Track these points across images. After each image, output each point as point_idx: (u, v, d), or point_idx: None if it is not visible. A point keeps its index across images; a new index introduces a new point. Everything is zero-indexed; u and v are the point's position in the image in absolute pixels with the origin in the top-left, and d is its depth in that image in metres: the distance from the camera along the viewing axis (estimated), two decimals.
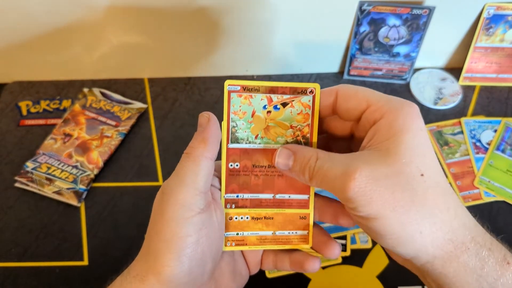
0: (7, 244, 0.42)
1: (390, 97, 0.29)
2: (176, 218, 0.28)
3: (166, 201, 0.28)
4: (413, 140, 0.27)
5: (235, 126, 0.32)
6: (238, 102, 0.32)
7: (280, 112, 0.32)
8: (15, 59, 0.52)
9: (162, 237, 0.28)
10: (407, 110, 0.28)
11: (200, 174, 0.29)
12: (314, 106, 0.31)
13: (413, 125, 0.27)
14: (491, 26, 0.50)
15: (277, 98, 0.32)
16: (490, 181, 0.45)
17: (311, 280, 0.39)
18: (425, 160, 0.27)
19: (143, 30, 0.49)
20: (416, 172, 0.27)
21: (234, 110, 0.32)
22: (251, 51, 0.53)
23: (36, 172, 0.45)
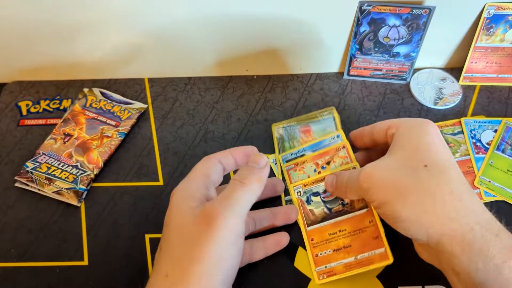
0: (7, 244, 0.42)
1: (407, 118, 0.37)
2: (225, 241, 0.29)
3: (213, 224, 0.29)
4: (418, 141, 0.32)
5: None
6: (295, 175, 0.44)
7: (327, 169, 0.43)
8: (15, 59, 0.53)
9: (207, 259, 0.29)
10: (415, 123, 0.34)
11: (249, 205, 0.32)
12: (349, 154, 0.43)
13: (419, 130, 0.33)
14: (491, 26, 0.50)
15: (321, 161, 0.43)
16: (490, 181, 0.45)
17: (311, 280, 0.39)
18: (429, 155, 0.31)
19: (143, 30, 0.49)
20: (419, 164, 0.31)
21: (295, 181, 0.43)
22: (251, 51, 0.53)
23: (36, 172, 0.45)
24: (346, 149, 0.43)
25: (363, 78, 0.55)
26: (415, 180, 0.31)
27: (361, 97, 0.53)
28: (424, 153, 0.32)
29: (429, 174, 0.31)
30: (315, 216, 0.41)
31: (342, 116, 0.51)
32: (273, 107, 0.52)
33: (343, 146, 0.43)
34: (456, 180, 0.31)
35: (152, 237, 0.42)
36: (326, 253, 0.39)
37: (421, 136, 0.33)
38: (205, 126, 0.51)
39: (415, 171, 0.31)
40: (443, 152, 0.32)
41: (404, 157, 0.32)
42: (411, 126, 0.34)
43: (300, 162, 0.44)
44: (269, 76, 0.55)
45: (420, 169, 0.31)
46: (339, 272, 0.38)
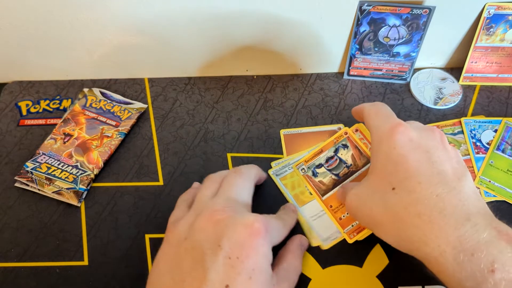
0: (7, 244, 0.42)
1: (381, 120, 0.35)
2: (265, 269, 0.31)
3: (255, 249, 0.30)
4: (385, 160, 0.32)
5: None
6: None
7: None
8: (15, 59, 0.52)
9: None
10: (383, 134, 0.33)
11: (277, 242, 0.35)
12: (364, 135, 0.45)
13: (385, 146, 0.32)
14: (491, 25, 0.50)
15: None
16: (490, 181, 0.45)
17: (311, 280, 0.39)
18: (397, 175, 0.31)
19: (143, 30, 0.49)
20: (388, 187, 0.31)
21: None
22: (251, 51, 0.53)
23: (36, 172, 0.45)
24: (360, 131, 0.45)
25: (363, 78, 0.55)
26: (386, 208, 0.30)
27: (361, 97, 0.53)
28: (392, 174, 0.30)
29: (397, 199, 0.30)
30: (325, 185, 0.43)
31: (342, 116, 0.51)
32: (273, 107, 0.52)
33: (355, 129, 0.45)
34: (425, 197, 0.28)
35: (152, 237, 0.42)
36: (348, 214, 0.41)
37: (389, 152, 0.31)
38: (205, 126, 0.51)
39: (385, 197, 0.30)
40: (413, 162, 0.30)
41: (376, 180, 0.32)
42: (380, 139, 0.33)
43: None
44: (269, 76, 0.55)
45: (388, 193, 0.30)
46: None
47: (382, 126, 0.33)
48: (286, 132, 0.48)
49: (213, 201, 0.34)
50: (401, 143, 0.31)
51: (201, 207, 0.34)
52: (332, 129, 0.47)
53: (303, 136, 0.48)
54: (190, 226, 0.32)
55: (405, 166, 0.30)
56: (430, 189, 0.29)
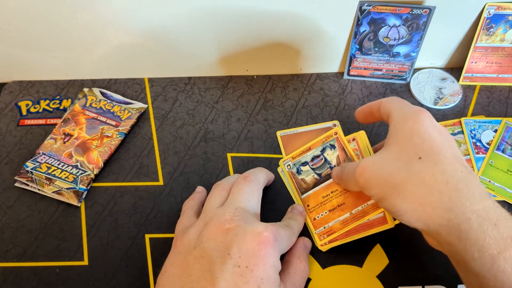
0: (7, 244, 0.42)
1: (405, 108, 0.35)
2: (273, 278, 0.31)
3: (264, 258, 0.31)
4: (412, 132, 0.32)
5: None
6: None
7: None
8: (15, 59, 0.52)
9: None
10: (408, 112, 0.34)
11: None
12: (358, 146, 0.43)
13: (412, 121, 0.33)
14: (491, 26, 0.50)
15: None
16: (490, 181, 0.45)
17: (311, 280, 0.39)
18: (423, 146, 0.31)
19: (143, 30, 0.49)
20: (413, 156, 0.31)
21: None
22: (251, 51, 0.53)
23: (36, 172, 0.45)
24: (356, 141, 0.44)
25: (363, 78, 0.55)
26: (410, 173, 0.31)
27: (361, 97, 0.53)
28: (418, 145, 0.31)
29: (423, 166, 0.30)
30: (307, 184, 0.43)
31: (342, 116, 0.51)
32: (273, 107, 0.52)
33: (353, 138, 0.44)
34: (451, 170, 0.30)
35: (152, 237, 0.42)
36: (323, 215, 0.41)
37: (415, 127, 0.32)
38: (205, 126, 0.51)
39: (409, 164, 0.31)
40: (438, 142, 0.32)
41: (398, 150, 0.32)
42: (404, 117, 0.34)
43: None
44: (269, 76, 0.55)
45: (414, 161, 0.31)
46: (337, 229, 0.40)
47: (407, 108, 0.34)
48: (282, 133, 0.48)
49: (223, 210, 0.34)
50: (427, 123, 0.32)
51: (210, 215, 0.34)
52: (327, 126, 0.47)
53: (300, 136, 0.48)
54: (199, 235, 0.33)
55: (432, 143, 0.31)
56: (456, 165, 0.30)
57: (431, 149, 0.31)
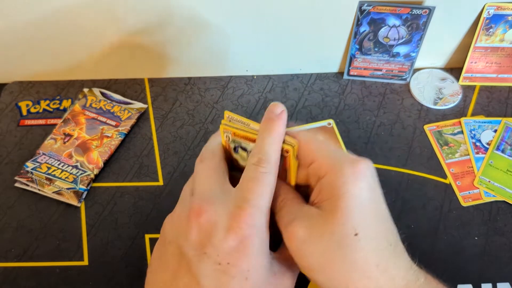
0: (7, 244, 0.42)
1: (338, 155, 0.30)
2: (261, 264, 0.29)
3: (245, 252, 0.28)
4: (352, 202, 0.28)
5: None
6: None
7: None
8: (15, 59, 0.52)
9: None
10: (349, 171, 0.29)
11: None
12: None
13: (353, 187, 0.28)
14: (491, 26, 0.50)
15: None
16: (490, 181, 0.45)
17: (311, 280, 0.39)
18: (362, 220, 0.28)
19: (143, 30, 0.49)
20: (350, 232, 0.28)
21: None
22: (251, 51, 0.53)
23: (36, 172, 0.45)
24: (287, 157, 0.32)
25: (363, 78, 0.55)
26: (343, 254, 0.28)
27: (361, 97, 0.53)
28: (357, 219, 0.28)
29: (358, 246, 0.27)
30: (239, 166, 0.35)
31: (342, 116, 0.51)
32: None
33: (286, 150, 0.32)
34: (384, 248, 0.28)
35: (152, 237, 0.42)
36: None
37: (355, 194, 0.28)
38: (205, 126, 0.51)
39: (345, 240, 0.28)
40: (376, 214, 0.29)
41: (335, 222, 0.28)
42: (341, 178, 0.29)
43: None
44: (269, 76, 0.55)
45: (350, 238, 0.28)
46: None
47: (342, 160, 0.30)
48: None
49: (191, 200, 0.30)
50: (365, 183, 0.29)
51: (181, 206, 0.31)
52: (323, 125, 0.47)
53: None
54: (172, 228, 0.31)
55: (371, 210, 0.29)
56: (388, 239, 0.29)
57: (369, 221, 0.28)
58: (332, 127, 0.46)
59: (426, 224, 0.43)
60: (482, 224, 0.43)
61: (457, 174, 0.46)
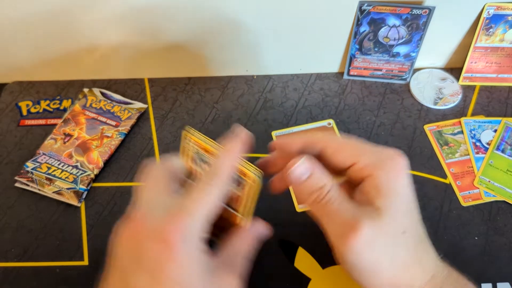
0: (7, 244, 0.42)
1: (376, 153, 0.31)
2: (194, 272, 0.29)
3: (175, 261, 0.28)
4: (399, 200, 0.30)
5: None
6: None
7: None
8: (15, 59, 0.53)
9: None
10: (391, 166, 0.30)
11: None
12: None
13: (398, 183, 0.30)
14: (491, 26, 0.50)
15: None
16: (490, 181, 0.45)
17: (311, 280, 0.39)
18: (408, 218, 0.30)
19: (143, 30, 0.49)
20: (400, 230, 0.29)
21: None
22: (251, 51, 0.53)
23: (36, 172, 0.45)
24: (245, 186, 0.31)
25: (363, 78, 0.55)
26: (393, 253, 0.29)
27: (361, 97, 0.53)
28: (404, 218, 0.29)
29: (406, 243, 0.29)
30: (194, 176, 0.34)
31: (342, 116, 0.51)
32: (273, 107, 0.52)
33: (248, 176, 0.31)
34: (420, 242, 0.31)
35: None
36: None
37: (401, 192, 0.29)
38: (205, 126, 0.51)
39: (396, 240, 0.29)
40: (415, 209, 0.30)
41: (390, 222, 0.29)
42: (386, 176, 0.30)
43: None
44: (269, 76, 0.55)
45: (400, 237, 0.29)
46: None
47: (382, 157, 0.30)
48: (278, 133, 0.48)
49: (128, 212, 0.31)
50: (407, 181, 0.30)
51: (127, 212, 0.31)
52: (323, 125, 0.47)
53: (296, 135, 0.47)
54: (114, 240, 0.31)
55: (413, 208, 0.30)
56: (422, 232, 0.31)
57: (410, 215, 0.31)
58: (332, 127, 0.46)
59: (426, 224, 0.43)
60: (482, 224, 0.43)
61: (457, 174, 0.46)
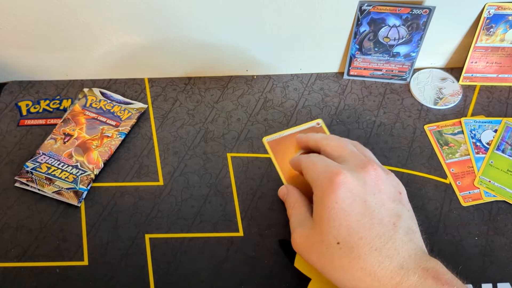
0: (7, 244, 0.42)
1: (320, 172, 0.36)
2: None
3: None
4: (329, 215, 0.33)
5: None
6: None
7: None
8: (15, 59, 0.52)
9: None
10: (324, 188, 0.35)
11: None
12: None
13: (328, 200, 0.34)
14: (491, 26, 0.50)
15: None
16: (490, 181, 0.45)
17: (311, 280, 0.39)
18: (340, 230, 0.32)
19: (143, 30, 0.49)
20: (333, 241, 0.32)
21: None
22: (251, 51, 0.53)
23: (36, 172, 0.45)
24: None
25: (363, 78, 0.55)
26: (331, 259, 0.32)
27: (361, 97, 0.53)
28: (336, 229, 0.33)
29: (341, 253, 0.32)
30: None
31: (342, 116, 0.51)
32: (273, 107, 0.52)
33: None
34: (365, 255, 0.31)
35: (152, 237, 0.42)
36: None
37: (330, 207, 0.33)
38: (205, 126, 0.51)
39: (329, 250, 0.32)
40: (353, 220, 0.32)
41: (321, 232, 0.33)
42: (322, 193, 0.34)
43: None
44: (269, 76, 0.55)
45: (333, 247, 0.32)
46: None
47: (322, 178, 0.35)
48: (269, 139, 0.47)
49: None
50: (341, 196, 0.33)
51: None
52: (312, 126, 0.47)
53: (287, 138, 0.47)
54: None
55: (347, 222, 0.32)
56: (370, 244, 0.31)
57: (348, 231, 0.32)
58: (321, 126, 0.46)
59: (426, 224, 0.43)
60: (482, 224, 0.43)
61: (457, 174, 0.46)
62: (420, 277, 0.30)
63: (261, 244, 0.42)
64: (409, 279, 0.30)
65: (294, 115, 0.51)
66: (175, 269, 0.41)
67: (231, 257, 0.41)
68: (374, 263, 0.31)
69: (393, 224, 0.32)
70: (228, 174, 0.47)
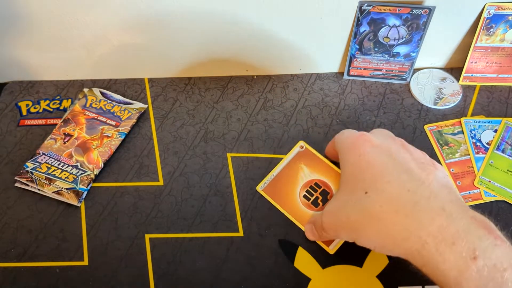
0: (7, 244, 0.42)
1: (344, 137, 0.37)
2: None
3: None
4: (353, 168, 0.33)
5: None
6: None
7: None
8: (15, 59, 0.53)
9: None
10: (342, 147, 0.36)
11: None
12: None
13: (352, 156, 0.34)
14: (491, 26, 0.50)
15: None
16: (490, 181, 0.45)
17: (311, 280, 0.39)
18: (366, 179, 0.32)
19: (143, 30, 0.49)
20: (361, 193, 0.32)
21: None
22: (251, 51, 0.53)
23: (36, 172, 0.45)
24: None
25: (363, 78, 0.55)
26: (362, 212, 0.31)
27: (361, 97, 0.53)
28: (362, 180, 0.32)
29: (370, 200, 0.30)
30: None
31: (342, 116, 0.51)
32: (273, 107, 0.52)
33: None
34: (397, 196, 0.29)
35: (152, 237, 0.42)
36: None
37: (355, 161, 0.33)
38: (205, 126, 0.51)
39: (359, 202, 0.31)
40: (378, 168, 0.31)
41: (348, 190, 0.33)
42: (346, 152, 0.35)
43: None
44: (269, 76, 0.55)
45: (362, 198, 0.31)
46: None
47: (346, 140, 0.36)
48: (262, 186, 0.45)
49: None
50: (365, 150, 0.33)
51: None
52: (296, 152, 0.46)
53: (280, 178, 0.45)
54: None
55: (373, 170, 0.32)
56: (400, 185, 0.30)
57: (373, 177, 0.31)
58: (306, 148, 0.46)
59: None
60: None
61: (457, 174, 0.46)
62: (469, 224, 0.27)
63: (261, 244, 0.42)
64: (455, 223, 0.27)
65: (294, 115, 0.51)
66: (175, 269, 0.41)
67: (231, 257, 0.41)
68: (408, 203, 0.28)
69: (426, 174, 0.30)
70: (228, 174, 0.47)
